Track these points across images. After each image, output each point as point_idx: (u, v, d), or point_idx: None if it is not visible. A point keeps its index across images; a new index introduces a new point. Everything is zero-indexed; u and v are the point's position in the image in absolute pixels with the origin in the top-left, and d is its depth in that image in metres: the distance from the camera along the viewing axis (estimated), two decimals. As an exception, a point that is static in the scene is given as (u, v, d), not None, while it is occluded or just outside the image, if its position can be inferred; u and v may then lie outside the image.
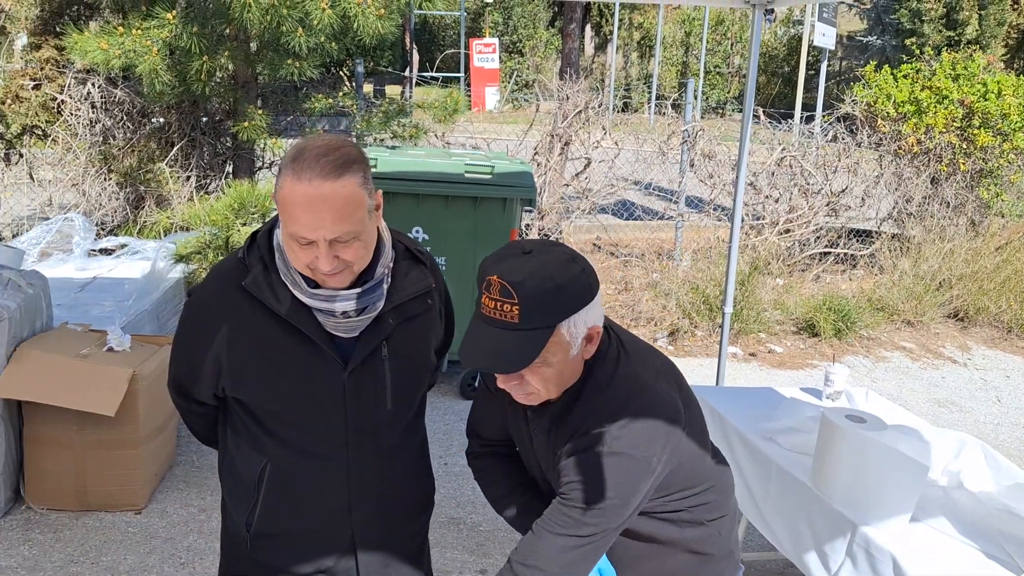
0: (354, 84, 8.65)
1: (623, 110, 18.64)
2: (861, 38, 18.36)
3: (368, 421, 1.73)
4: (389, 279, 1.71)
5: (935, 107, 8.00)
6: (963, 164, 8.00)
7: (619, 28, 21.57)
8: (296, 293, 1.64)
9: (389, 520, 1.82)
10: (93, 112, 6.44)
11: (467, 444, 1.94)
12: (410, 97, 15.91)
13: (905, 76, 8.39)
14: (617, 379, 1.59)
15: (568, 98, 7.66)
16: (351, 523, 1.76)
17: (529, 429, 1.70)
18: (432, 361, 1.88)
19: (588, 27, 24.24)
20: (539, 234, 7.56)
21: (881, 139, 8.20)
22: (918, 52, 9.68)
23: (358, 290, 1.65)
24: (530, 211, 7.49)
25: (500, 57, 19.07)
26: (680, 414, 1.60)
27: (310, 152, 1.54)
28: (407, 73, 18.15)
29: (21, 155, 6.72)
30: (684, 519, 1.72)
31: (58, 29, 6.39)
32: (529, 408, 1.67)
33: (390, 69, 19.42)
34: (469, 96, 16.86)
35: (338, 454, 1.72)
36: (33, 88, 6.46)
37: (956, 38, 15.93)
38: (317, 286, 1.64)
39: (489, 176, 4.83)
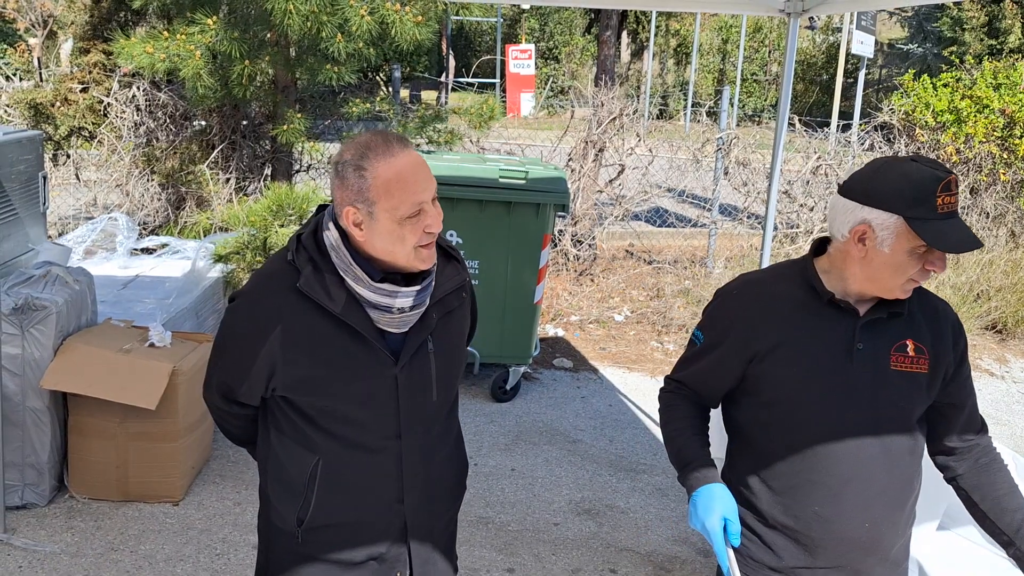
0: (391, 89, 8.77)
1: (659, 117, 18.61)
2: (902, 46, 18.14)
3: (418, 412, 1.81)
4: (434, 275, 1.79)
5: (975, 116, 7.90)
6: (1003, 174, 7.88)
7: (656, 35, 21.53)
8: (358, 288, 1.69)
9: (434, 505, 1.90)
10: (137, 115, 6.62)
11: (664, 384, 2.02)
12: (446, 103, 16.04)
13: (945, 85, 8.30)
14: None
15: (603, 104, 7.69)
16: (403, 511, 1.83)
17: (851, 348, 1.78)
18: (466, 352, 1.99)
19: (625, 34, 24.22)
20: (572, 240, 7.60)
21: (919, 148, 8.11)
22: (957, 61, 9.55)
23: (418, 287, 1.73)
24: (563, 216, 7.52)
25: (536, 63, 19.14)
26: None
27: (374, 140, 1.66)
28: (443, 79, 18.30)
29: (68, 156, 6.93)
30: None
31: (106, 34, 6.57)
32: (860, 324, 1.79)
33: (426, 75, 19.58)
34: (504, 102, 16.95)
35: (390, 446, 1.79)
36: (81, 91, 6.65)
37: (998, 47, 15.67)
38: (383, 280, 1.71)
39: (523, 181, 4.87)
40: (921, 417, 1.86)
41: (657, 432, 4.87)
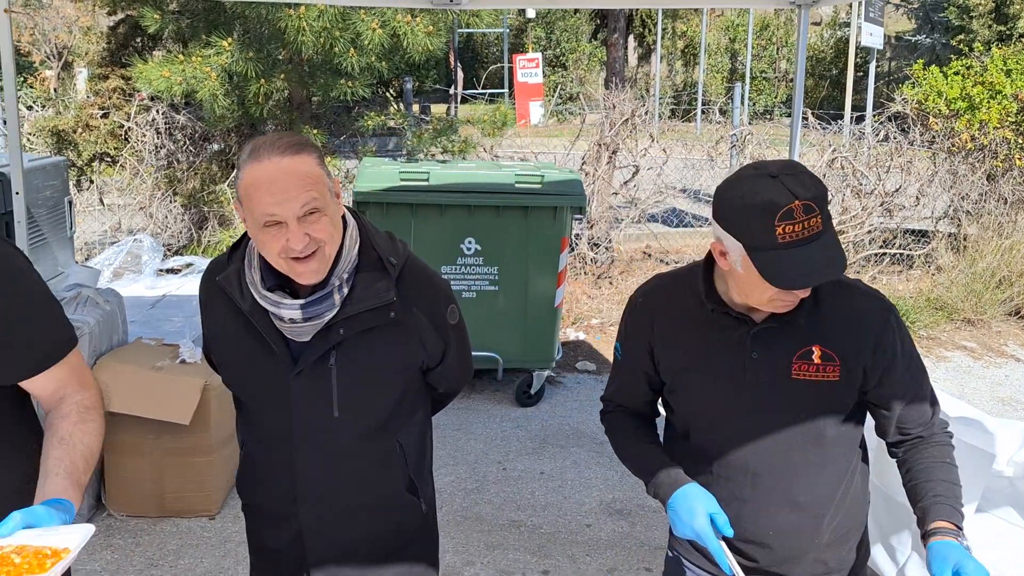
0: (402, 102, 8.84)
1: (671, 118, 18.62)
2: (910, 38, 18.07)
3: (313, 425, 1.77)
4: (345, 290, 1.70)
5: (988, 103, 7.87)
6: (1019, 159, 7.84)
7: (662, 37, 21.56)
8: (254, 292, 1.71)
9: (340, 522, 1.84)
10: (157, 138, 6.71)
11: (601, 407, 2.02)
12: (455, 114, 16.11)
13: (956, 73, 8.27)
14: None
15: (614, 107, 7.72)
16: (297, 512, 1.83)
17: (744, 358, 1.73)
18: (400, 377, 1.81)
19: (631, 38, 24.27)
20: (588, 243, 7.62)
21: (934, 137, 8.08)
22: (966, 49, 9.51)
23: (302, 301, 1.68)
24: (580, 219, 7.55)
25: (544, 71, 19.20)
26: None
27: (264, 141, 1.64)
28: (452, 91, 18.39)
29: (91, 181, 7.03)
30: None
31: (123, 60, 6.68)
32: (751, 333, 1.72)
33: (436, 86, 19.68)
34: (514, 110, 17.01)
35: (283, 449, 1.80)
36: (101, 117, 6.76)
37: (1007, 32, 15.57)
38: (273, 289, 1.69)
39: (539, 185, 4.90)
40: (850, 422, 1.77)
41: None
